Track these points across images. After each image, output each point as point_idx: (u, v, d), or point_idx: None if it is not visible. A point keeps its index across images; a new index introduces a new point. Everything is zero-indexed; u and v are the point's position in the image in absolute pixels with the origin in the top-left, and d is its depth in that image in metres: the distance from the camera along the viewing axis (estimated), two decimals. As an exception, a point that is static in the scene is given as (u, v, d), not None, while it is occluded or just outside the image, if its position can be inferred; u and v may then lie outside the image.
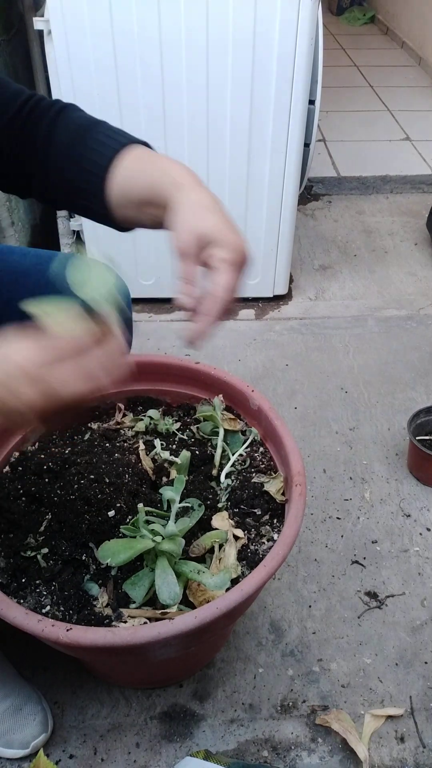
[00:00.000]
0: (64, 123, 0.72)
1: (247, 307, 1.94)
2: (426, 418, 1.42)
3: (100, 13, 1.39)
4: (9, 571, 0.78)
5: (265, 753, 0.97)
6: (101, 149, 0.68)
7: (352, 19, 4.75)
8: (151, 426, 1.00)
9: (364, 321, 1.89)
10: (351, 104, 3.30)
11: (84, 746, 0.98)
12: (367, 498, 1.36)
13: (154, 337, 1.77)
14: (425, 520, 1.32)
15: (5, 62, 1.75)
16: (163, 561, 0.74)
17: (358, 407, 1.58)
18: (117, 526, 0.79)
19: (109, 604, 0.76)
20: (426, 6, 3.80)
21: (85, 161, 0.69)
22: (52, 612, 0.75)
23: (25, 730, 0.94)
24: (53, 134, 0.72)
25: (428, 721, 1.01)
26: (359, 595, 1.18)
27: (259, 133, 1.57)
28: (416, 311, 1.93)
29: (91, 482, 0.83)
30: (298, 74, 1.48)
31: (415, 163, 2.74)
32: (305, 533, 1.28)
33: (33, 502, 0.83)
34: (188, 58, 1.45)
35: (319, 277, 2.08)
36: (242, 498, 0.88)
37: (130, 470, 0.86)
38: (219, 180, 1.65)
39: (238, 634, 1.11)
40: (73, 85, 1.49)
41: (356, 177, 2.59)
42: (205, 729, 1.00)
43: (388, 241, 2.26)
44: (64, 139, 0.71)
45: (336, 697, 1.04)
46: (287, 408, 1.58)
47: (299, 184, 1.72)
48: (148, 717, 1.01)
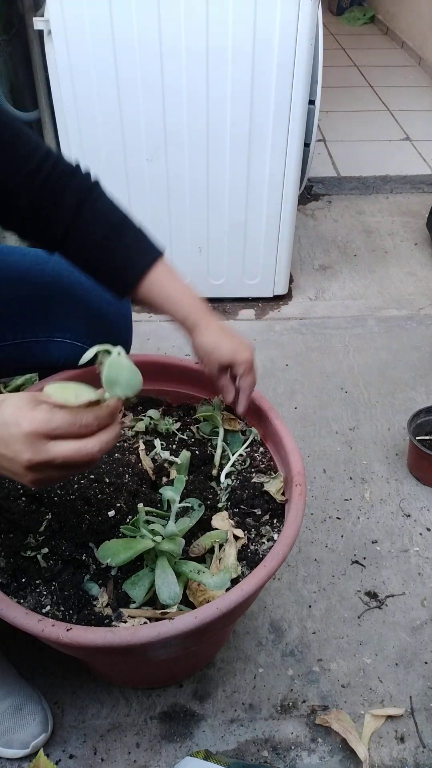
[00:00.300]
0: (92, 214, 0.80)
1: (247, 307, 1.94)
2: (426, 418, 1.43)
3: (100, 12, 1.39)
4: (9, 571, 0.78)
5: (265, 753, 0.97)
6: (130, 265, 0.82)
7: (352, 19, 4.75)
8: (151, 426, 1.00)
9: (364, 321, 1.89)
10: (351, 104, 3.30)
11: (84, 746, 0.98)
12: (367, 498, 1.36)
13: (154, 337, 1.77)
14: (425, 520, 1.32)
15: (5, 62, 1.75)
16: (163, 561, 0.74)
17: (358, 407, 1.58)
18: (117, 526, 0.79)
19: (109, 604, 0.76)
20: (426, 6, 3.80)
21: (113, 268, 0.82)
22: (52, 612, 0.75)
23: (25, 730, 0.94)
24: (81, 219, 0.79)
25: (428, 721, 1.01)
26: (359, 595, 1.18)
27: (259, 133, 1.57)
28: (416, 311, 1.93)
29: (91, 482, 0.83)
30: (298, 74, 1.48)
31: (415, 163, 2.74)
32: (305, 533, 1.28)
33: (33, 502, 0.83)
34: (188, 57, 1.45)
35: (319, 277, 2.08)
36: (242, 498, 0.88)
37: (130, 470, 0.86)
38: (219, 180, 1.65)
39: (238, 634, 1.11)
40: (73, 85, 1.49)
41: (356, 177, 2.60)
42: (205, 729, 1.00)
43: (388, 241, 2.26)
44: (93, 236, 0.80)
45: (336, 697, 1.04)
46: (287, 408, 1.58)
47: (299, 184, 1.72)
48: (148, 717, 1.01)
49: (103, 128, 1.56)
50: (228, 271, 1.85)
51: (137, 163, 1.62)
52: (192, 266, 1.83)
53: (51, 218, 0.79)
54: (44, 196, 0.78)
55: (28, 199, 0.78)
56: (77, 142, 1.59)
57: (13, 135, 0.76)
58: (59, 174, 0.79)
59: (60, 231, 0.80)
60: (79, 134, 1.57)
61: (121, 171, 1.64)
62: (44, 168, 0.78)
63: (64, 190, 0.79)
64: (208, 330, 0.84)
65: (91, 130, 1.57)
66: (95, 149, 1.60)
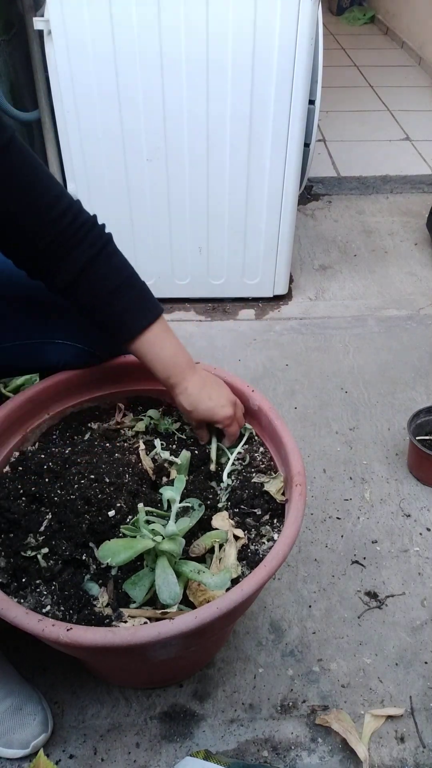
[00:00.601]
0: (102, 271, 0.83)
1: (247, 307, 1.94)
2: (426, 418, 1.43)
3: (100, 12, 1.39)
4: (9, 571, 0.78)
5: (265, 753, 0.97)
6: (127, 323, 0.86)
7: (352, 19, 4.75)
8: (151, 426, 1.00)
9: (364, 321, 1.89)
10: (351, 104, 3.30)
11: (84, 746, 0.98)
12: (367, 498, 1.36)
13: (154, 337, 1.77)
14: (425, 520, 1.32)
15: (5, 62, 1.75)
16: (163, 561, 0.74)
17: (358, 407, 1.58)
18: (117, 526, 0.79)
19: (109, 604, 0.76)
20: (426, 6, 3.80)
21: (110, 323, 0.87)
22: (52, 612, 0.75)
23: (25, 730, 0.94)
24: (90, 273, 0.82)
25: (428, 721, 1.01)
26: (359, 595, 1.18)
27: (259, 132, 1.57)
28: (416, 311, 1.93)
29: (91, 482, 0.83)
30: (298, 74, 1.48)
31: (415, 163, 2.74)
32: (305, 533, 1.28)
33: (33, 502, 0.83)
34: (188, 57, 1.45)
35: (319, 277, 2.08)
36: (242, 498, 0.88)
37: (130, 470, 0.86)
38: (219, 180, 1.65)
39: (238, 634, 1.11)
40: (72, 85, 1.49)
41: (356, 177, 2.59)
42: (205, 729, 1.00)
43: (388, 241, 2.26)
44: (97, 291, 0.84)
45: (336, 697, 1.04)
46: (287, 408, 1.58)
47: (299, 184, 1.72)
48: (148, 717, 1.01)
49: (103, 128, 1.56)
50: (228, 271, 1.85)
51: (137, 163, 1.62)
52: (192, 266, 1.83)
53: (62, 266, 0.81)
54: (61, 244, 0.80)
55: (46, 243, 0.79)
56: (77, 142, 1.59)
57: (42, 180, 0.78)
58: (80, 225, 0.80)
59: (68, 279, 0.82)
60: (79, 134, 1.57)
61: (121, 171, 1.64)
62: (67, 216, 0.79)
63: (82, 242, 0.80)
64: (186, 392, 0.89)
65: (91, 130, 1.57)
66: (95, 149, 1.60)
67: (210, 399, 0.89)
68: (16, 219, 0.77)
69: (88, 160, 1.62)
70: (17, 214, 0.76)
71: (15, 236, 0.79)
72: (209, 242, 1.78)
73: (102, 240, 0.83)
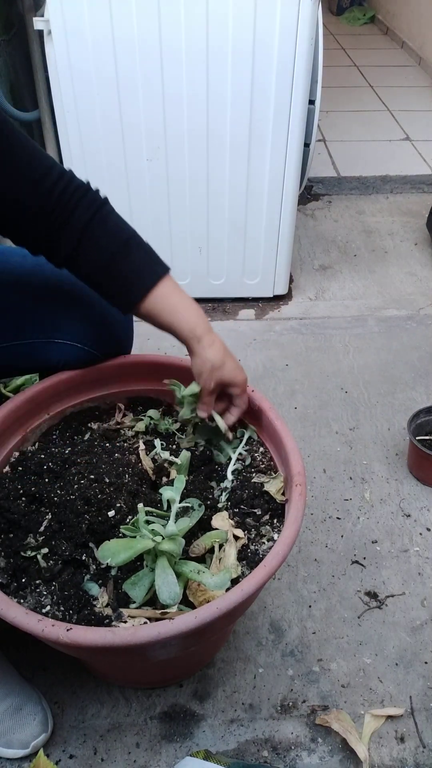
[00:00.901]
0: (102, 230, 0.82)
1: (247, 307, 1.94)
2: (426, 418, 1.43)
3: (100, 12, 1.39)
4: (9, 571, 0.78)
5: (265, 753, 0.97)
6: (138, 279, 0.84)
7: (352, 19, 4.75)
8: (151, 426, 1.00)
9: (364, 321, 1.89)
10: (351, 104, 3.30)
11: (84, 746, 0.98)
12: (367, 498, 1.36)
13: (154, 337, 1.77)
14: (425, 520, 1.32)
15: (5, 62, 1.75)
16: (163, 561, 0.74)
17: (358, 407, 1.58)
18: (117, 526, 0.79)
19: (109, 604, 0.76)
20: (426, 6, 3.80)
21: (121, 283, 0.84)
22: (52, 612, 0.75)
23: (25, 730, 0.94)
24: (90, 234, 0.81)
25: (428, 721, 1.01)
26: (359, 595, 1.18)
27: (259, 132, 1.57)
28: (416, 311, 1.93)
29: (91, 482, 0.83)
30: (298, 74, 1.48)
31: (415, 163, 2.74)
32: (305, 533, 1.28)
33: (33, 502, 0.83)
34: (188, 57, 1.45)
35: (319, 277, 2.08)
36: (242, 498, 0.88)
37: (130, 470, 0.86)
38: (219, 180, 1.65)
39: (238, 634, 1.11)
40: (72, 85, 1.49)
41: (356, 177, 2.59)
42: (205, 729, 1.00)
43: (388, 241, 2.26)
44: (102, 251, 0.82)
45: (336, 697, 1.04)
46: (287, 408, 1.58)
47: (299, 184, 1.72)
48: (148, 717, 1.01)
49: (103, 128, 1.56)
50: (228, 271, 1.85)
51: (137, 163, 1.62)
52: (192, 266, 1.83)
53: (62, 234, 0.81)
54: (58, 213, 0.80)
55: (43, 215, 0.79)
56: (77, 142, 1.59)
57: (30, 154, 0.78)
58: (73, 191, 0.80)
59: (70, 246, 0.81)
60: (79, 134, 1.57)
61: (121, 171, 1.64)
62: (59, 185, 0.79)
63: (77, 207, 0.80)
64: (215, 345, 0.86)
65: (91, 130, 1.57)
66: (95, 149, 1.60)
67: (234, 359, 0.88)
68: (12, 194, 0.77)
69: (88, 160, 1.62)
70: (12, 189, 0.77)
71: (12, 212, 0.79)
72: (209, 242, 1.78)
73: (97, 203, 0.82)
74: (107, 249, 0.82)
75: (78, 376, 1.00)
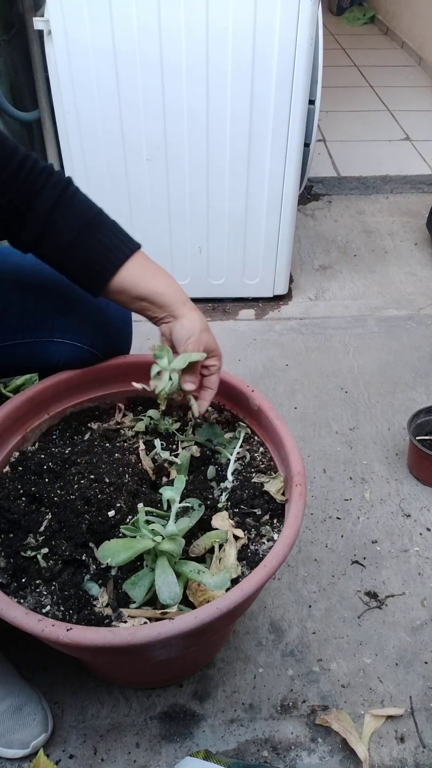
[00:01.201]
0: (68, 210, 0.81)
1: (247, 307, 1.94)
2: (426, 418, 1.43)
3: (100, 12, 1.39)
4: (9, 571, 0.78)
5: (265, 753, 0.97)
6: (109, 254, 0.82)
7: (352, 19, 4.75)
8: (151, 426, 1.00)
9: (364, 321, 1.89)
10: (351, 104, 3.30)
11: (84, 746, 0.98)
12: (367, 498, 1.36)
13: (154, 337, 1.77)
14: (425, 520, 1.32)
15: (5, 62, 1.75)
16: (163, 561, 0.74)
17: (358, 407, 1.58)
18: (117, 526, 0.79)
19: (109, 604, 0.76)
20: (426, 6, 3.81)
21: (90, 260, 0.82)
22: (52, 612, 0.75)
23: (25, 730, 0.94)
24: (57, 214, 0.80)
25: (428, 721, 1.01)
26: (359, 595, 1.18)
27: (259, 133, 1.57)
28: (416, 311, 1.93)
29: (91, 482, 0.83)
30: (298, 74, 1.48)
31: (415, 163, 2.74)
32: (305, 533, 1.28)
33: (33, 502, 0.83)
34: (188, 56, 1.45)
35: (319, 277, 2.08)
36: (242, 498, 0.88)
37: (130, 470, 0.86)
38: (219, 180, 1.65)
39: (238, 634, 1.11)
40: (73, 85, 1.49)
41: (356, 177, 2.59)
42: (205, 729, 1.00)
43: (388, 241, 2.26)
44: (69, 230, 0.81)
45: (336, 697, 1.04)
46: (287, 408, 1.58)
47: (299, 184, 1.72)
48: (148, 717, 1.01)
49: (103, 128, 1.56)
50: (228, 271, 1.85)
51: (137, 163, 1.62)
52: (192, 266, 1.83)
53: (28, 216, 0.80)
54: (25, 195, 0.79)
55: (8, 198, 0.78)
56: (77, 142, 1.59)
57: None
58: (38, 173, 0.80)
59: (37, 228, 0.80)
60: (79, 134, 1.57)
61: (121, 171, 1.64)
62: (24, 168, 0.79)
63: (43, 188, 0.80)
64: (195, 313, 0.85)
65: (91, 130, 1.57)
66: (95, 149, 1.60)
67: (209, 331, 0.87)
68: None
69: (88, 160, 1.62)
70: None
71: None
72: (209, 242, 1.78)
73: (62, 183, 0.82)
74: (75, 225, 0.81)
75: (78, 376, 1.00)
